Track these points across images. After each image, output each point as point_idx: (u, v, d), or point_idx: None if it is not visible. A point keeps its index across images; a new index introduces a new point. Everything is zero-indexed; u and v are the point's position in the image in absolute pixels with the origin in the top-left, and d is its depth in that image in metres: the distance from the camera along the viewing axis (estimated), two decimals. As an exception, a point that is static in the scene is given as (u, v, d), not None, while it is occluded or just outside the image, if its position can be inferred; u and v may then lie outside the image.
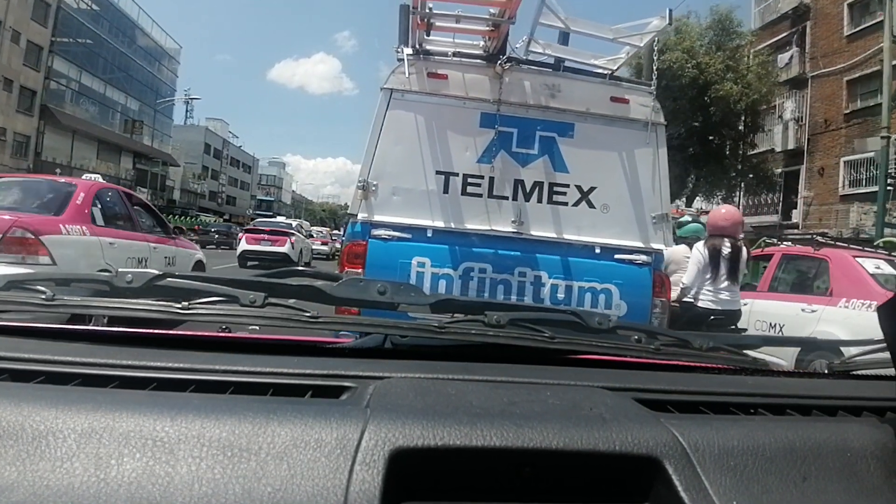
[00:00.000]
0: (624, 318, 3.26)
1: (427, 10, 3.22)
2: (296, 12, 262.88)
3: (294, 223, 22.82)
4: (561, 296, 3.44)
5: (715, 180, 18.32)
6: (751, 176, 18.96)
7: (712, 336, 1.00)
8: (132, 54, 40.72)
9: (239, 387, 0.72)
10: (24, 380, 0.69)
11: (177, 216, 34.63)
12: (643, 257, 3.49)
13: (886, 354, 0.71)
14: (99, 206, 5.06)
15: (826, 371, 1.06)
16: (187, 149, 51.77)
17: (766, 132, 19.96)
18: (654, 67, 3.68)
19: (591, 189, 3.52)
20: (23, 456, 0.53)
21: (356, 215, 3.45)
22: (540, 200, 3.51)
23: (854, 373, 1.04)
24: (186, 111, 55.54)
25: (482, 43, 3.60)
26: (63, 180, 5.58)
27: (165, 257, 6.20)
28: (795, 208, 20.32)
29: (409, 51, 3.44)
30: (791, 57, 20.35)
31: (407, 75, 3.38)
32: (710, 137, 17.88)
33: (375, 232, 3.40)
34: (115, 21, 38.32)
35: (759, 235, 15.60)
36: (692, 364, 1.01)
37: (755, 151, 19.42)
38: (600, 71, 3.66)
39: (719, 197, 19.46)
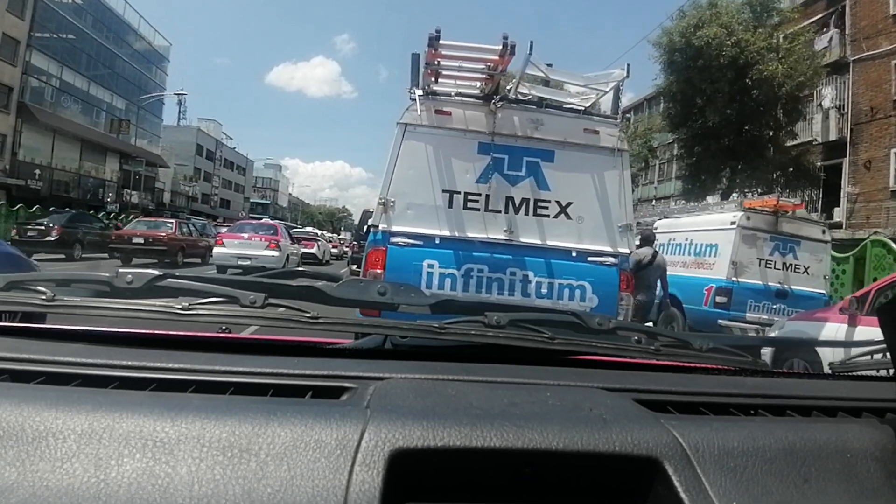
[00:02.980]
0: (595, 310, 4.27)
1: (436, 64, 4.19)
2: (294, 15, 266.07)
3: (319, 232, 31.06)
4: (544, 291, 4.36)
5: (753, 173, 17.74)
6: (791, 169, 18.46)
7: (712, 337, 1.04)
8: (118, 51, 40.76)
9: (239, 387, 0.76)
10: (24, 380, 0.73)
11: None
12: (612, 259, 4.40)
13: (887, 355, 0.74)
14: (284, 230, 17.33)
15: (826, 372, 1.10)
16: (178, 150, 52.07)
17: (806, 121, 19.38)
18: (620, 108, 4.77)
19: (569, 204, 4.45)
20: (23, 457, 0.56)
21: (377, 226, 4.35)
22: (527, 213, 4.44)
23: (854, 373, 1.08)
24: (179, 112, 56.01)
25: (479, 85, 4.55)
26: (265, 222, 20.17)
27: (297, 253, 17.85)
28: (838, 205, 19.75)
29: (419, 92, 4.39)
30: (830, 39, 19.78)
31: (419, 112, 4.34)
32: (746, 127, 17.32)
33: (393, 240, 4.31)
34: (100, 15, 38.47)
35: None
36: (692, 365, 1.05)
37: (794, 143, 18.98)
38: (575, 107, 4.64)
39: (756, 193, 19.09)
